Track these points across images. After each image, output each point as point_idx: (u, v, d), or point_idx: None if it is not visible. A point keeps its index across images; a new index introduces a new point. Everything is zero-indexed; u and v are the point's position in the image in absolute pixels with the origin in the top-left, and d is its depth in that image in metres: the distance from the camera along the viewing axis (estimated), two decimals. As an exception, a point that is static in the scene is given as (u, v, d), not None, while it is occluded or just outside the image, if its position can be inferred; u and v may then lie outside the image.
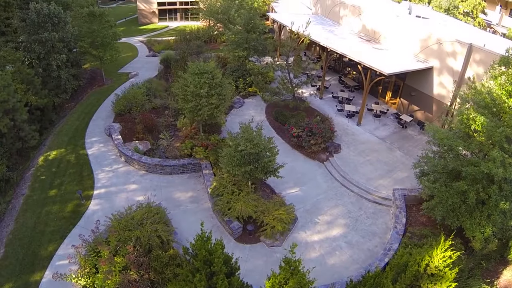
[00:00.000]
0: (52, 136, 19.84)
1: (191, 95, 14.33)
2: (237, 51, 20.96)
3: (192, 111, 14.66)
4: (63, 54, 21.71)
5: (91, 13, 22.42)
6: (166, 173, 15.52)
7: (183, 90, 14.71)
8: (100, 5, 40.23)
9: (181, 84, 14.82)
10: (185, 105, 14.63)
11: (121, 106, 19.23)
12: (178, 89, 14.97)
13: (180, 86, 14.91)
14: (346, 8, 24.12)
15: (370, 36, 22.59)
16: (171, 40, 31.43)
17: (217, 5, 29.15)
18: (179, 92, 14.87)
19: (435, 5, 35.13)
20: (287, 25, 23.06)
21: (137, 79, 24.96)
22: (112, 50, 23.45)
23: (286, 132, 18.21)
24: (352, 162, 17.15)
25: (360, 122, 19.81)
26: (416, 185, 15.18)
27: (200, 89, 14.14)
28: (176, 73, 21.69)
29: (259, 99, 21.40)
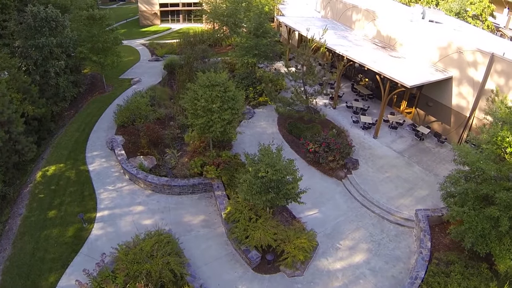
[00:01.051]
0: (51, 148, 18.63)
1: (201, 110, 13.22)
2: (246, 57, 19.85)
3: (203, 128, 13.54)
4: (62, 60, 20.46)
5: (91, 16, 21.16)
6: (174, 193, 14.42)
7: (192, 104, 13.57)
8: (100, 5, 38.85)
9: (190, 98, 13.67)
10: (195, 121, 13.50)
11: (123, 118, 18.03)
12: (187, 103, 13.82)
13: (189, 99, 13.77)
14: (359, 12, 23.06)
15: (386, 43, 21.57)
16: (174, 43, 30.20)
17: (222, 7, 27.95)
18: (188, 106, 13.73)
19: (445, 8, 34.21)
20: (299, 30, 22.01)
21: (139, 85, 23.76)
22: (113, 56, 22.21)
23: (301, 146, 17.17)
24: (371, 180, 16.23)
25: (376, 134, 18.85)
26: (438, 204, 14.59)
27: (212, 103, 13.03)
28: (183, 84, 20.58)
29: (270, 109, 20.31)
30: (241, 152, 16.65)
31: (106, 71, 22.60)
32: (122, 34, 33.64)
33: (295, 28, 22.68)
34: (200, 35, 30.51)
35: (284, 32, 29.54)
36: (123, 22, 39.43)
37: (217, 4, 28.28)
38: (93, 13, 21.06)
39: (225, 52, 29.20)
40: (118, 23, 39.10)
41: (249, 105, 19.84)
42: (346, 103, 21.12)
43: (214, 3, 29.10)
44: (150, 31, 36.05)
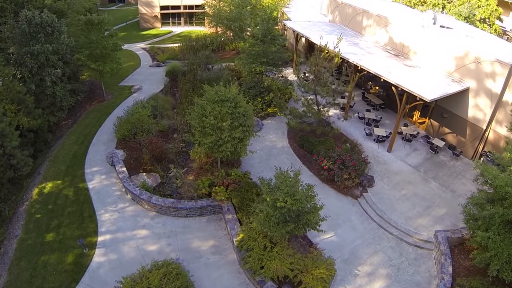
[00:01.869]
0: (48, 162, 17.60)
1: (210, 128, 12.27)
2: (254, 65, 18.90)
3: (212, 147, 12.60)
4: (58, 68, 19.35)
5: (89, 21, 20.00)
6: (181, 215, 13.50)
7: (200, 121, 12.61)
8: (99, 7, 37.55)
9: (198, 114, 12.71)
10: (203, 140, 12.54)
11: (124, 131, 16.98)
12: (194, 119, 12.86)
13: (196, 116, 12.80)
14: (371, 18, 22.16)
15: (398, 51, 20.71)
16: (175, 47, 29.10)
17: (225, 10, 26.90)
18: (195, 123, 12.76)
19: (454, 13, 33.43)
20: (309, 37, 21.02)
21: (140, 94, 22.70)
22: (113, 63, 21.09)
23: (313, 162, 16.30)
24: (388, 198, 15.44)
25: (391, 148, 18.03)
26: (456, 223, 14.05)
27: (222, 121, 12.09)
28: (187, 93, 19.58)
29: (279, 120, 19.38)
30: (250, 169, 15.79)
31: (105, 78, 21.50)
32: (121, 38, 32.72)
33: (305, 34, 21.65)
34: (202, 39, 29.46)
35: (290, 37, 28.60)
36: (123, 25, 38.11)
37: (220, 8, 27.20)
38: (91, 18, 19.92)
39: (229, 58, 28.19)
40: (117, 25, 38.01)
41: (257, 116, 18.91)
42: (358, 114, 20.26)
43: (217, 6, 28.03)
44: (151, 35, 34.86)
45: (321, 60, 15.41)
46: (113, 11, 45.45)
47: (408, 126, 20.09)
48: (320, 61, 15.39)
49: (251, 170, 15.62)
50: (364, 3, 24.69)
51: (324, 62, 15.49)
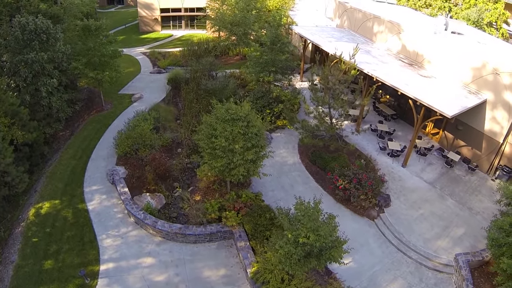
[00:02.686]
0: (45, 178, 16.58)
1: (220, 149, 11.36)
2: (262, 74, 17.96)
3: (222, 170, 11.69)
4: (54, 77, 18.25)
5: (86, 27, 18.79)
6: (189, 241, 12.60)
7: (209, 141, 11.69)
8: (98, 9, 36.25)
9: (206, 134, 11.78)
10: (213, 163, 11.61)
11: (125, 147, 15.94)
12: (203, 140, 11.92)
13: (205, 136, 11.87)
14: (382, 24, 21.30)
15: (412, 59, 19.89)
16: (177, 52, 27.97)
17: (229, 14, 25.83)
18: (204, 144, 11.82)
19: (462, 17, 32.70)
20: (320, 44, 19.98)
21: (141, 103, 21.65)
22: (112, 71, 19.94)
23: (327, 180, 15.47)
24: (405, 219, 14.70)
25: (406, 163, 17.26)
26: (475, 244, 13.61)
27: (234, 143, 11.18)
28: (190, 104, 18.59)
29: (288, 133, 18.47)
30: (261, 189, 14.88)
31: (104, 87, 20.42)
32: (120, 42, 31.54)
33: (316, 42, 20.53)
34: (204, 43, 28.38)
35: (295, 41, 27.65)
36: (122, 28, 36.81)
37: (223, 11, 26.13)
38: (88, 23, 18.69)
39: (233, 63, 27.18)
40: (116, 28, 36.71)
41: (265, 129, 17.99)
42: (370, 125, 19.43)
43: (220, 9, 26.95)
44: (151, 38, 33.62)
45: (337, 72, 14.52)
46: (112, 13, 44.06)
47: (422, 138, 19.32)
48: (336, 73, 14.50)
49: (262, 189, 14.76)
50: (374, 8, 23.84)
51: (340, 74, 14.60)
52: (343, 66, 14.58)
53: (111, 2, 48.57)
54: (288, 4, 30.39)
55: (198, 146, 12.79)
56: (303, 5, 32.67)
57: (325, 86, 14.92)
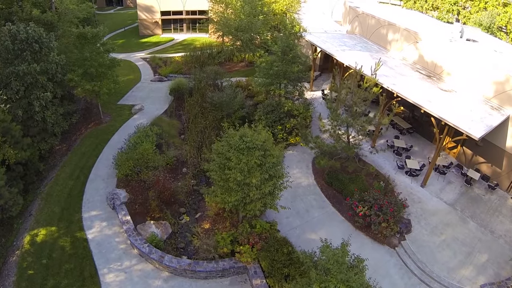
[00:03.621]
0: (40, 200, 15.39)
1: (235, 183, 10.22)
2: (273, 87, 16.78)
3: (237, 205, 10.56)
4: (48, 90, 16.92)
5: (82, 35, 17.39)
6: (199, 277, 11.50)
7: (222, 173, 10.53)
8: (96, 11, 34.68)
9: (219, 164, 10.62)
10: (226, 198, 10.46)
11: (126, 170, 14.72)
12: (215, 171, 10.73)
13: (217, 167, 10.69)
14: (398, 31, 20.15)
15: (430, 70, 18.79)
16: (178, 58, 26.60)
17: (234, 18, 24.50)
18: (216, 176, 10.65)
19: (474, 22, 31.64)
20: (333, 54, 18.64)
21: (141, 115, 20.37)
22: (110, 82, 18.51)
23: (345, 204, 14.43)
24: (427, 246, 13.76)
25: (425, 183, 16.27)
26: (499, 272, 12.91)
27: (250, 176, 10.04)
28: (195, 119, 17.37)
29: (301, 150, 17.32)
30: (275, 216, 13.78)
31: (102, 99, 19.09)
32: (119, 46, 30.16)
33: (328, 51, 19.18)
34: (207, 47, 27.03)
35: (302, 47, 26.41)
36: (121, 31, 35.36)
37: (228, 15, 24.79)
38: (84, 31, 17.27)
39: (238, 70, 25.92)
40: (115, 31, 35.24)
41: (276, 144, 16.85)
42: (387, 141, 18.36)
43: (224, 13, 25.60)
44: (151, 43, 32.19)
45: (361, 91, 13.39)
46: (111, 15, 42.52)
47: (440, 154, 18.30)
48: (361, 92, 13.38)
49: (276, 216, 13.65)
50: (388, 14, 22.60)
51: (362, 92, 13.49)
52: (366, 84, 13.46)
53: (110, 4, 47.01)
54: (294, 7, 29.10)
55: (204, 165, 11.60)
56: (309, 8, 31.40)
57: (345, 104, 13.80)
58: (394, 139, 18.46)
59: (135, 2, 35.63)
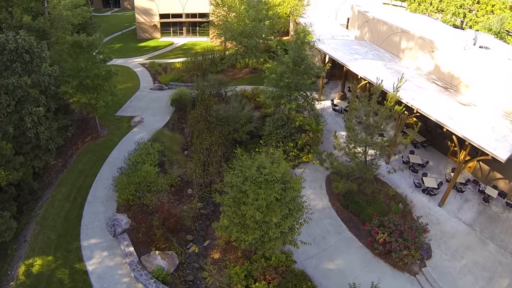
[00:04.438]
0: (35, 224, 14.27)
1: (252, 220, 9.24)
2: (283, 101, 15.75)
3: (254, 243, 9.59)
4: (41, 104, 15.64)
5: (76, 44, 16.03)
6: (210, 317, 10.61)
7: (236, 208, 9.52)
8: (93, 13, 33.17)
9: (233, 199, 9.61)
10: (242, 236, 9.47)
11: (127, 195, 13.62)
12: (229, 207, 9.65)
13: (231, 202, 9.66)
14: (412, 40, 19.22)
15: (446, 81, 17.93)
16: (179, 65, 25.33)
17: (235, 21, 23.30)
18: (230, 212, 9.62)
19: (483, 27, 30.87)
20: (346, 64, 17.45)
21: (141, 129, 19.14)
22: (108, 94, 17.18)
23: (362, 229, 13.57)
24: (448, 272, 13.03)
25: (443, 203, 15.50)
26: None
27: (269, 214, 9.07)
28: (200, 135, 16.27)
29: (313, 168, 16.34)
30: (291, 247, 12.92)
31: (99, 113, 17.75)
32: (117, 50, 28.78)
33: (340, 60, 18.04)
34: (209, 52, 25.80)
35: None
36: (118, 34, 33.87)
37: (231, 20, 23.56)
38: (79, 39, 15.91)
39: (241, 77, 24.78)
40: (112, 35, 33.77)
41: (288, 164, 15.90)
42: (402, 157, 17.52)
43: (227, 17, 24.36)
44: (150, 47, 30.79)
45: (385, 111, 12.46)
46: (108, 17, 40.96)
47: (457, 170, 17.53)
48: (385, 112, 12.45)
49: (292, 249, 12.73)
50: (400, 20, 21.57)
51: (385, 111, 12.57)
52: (389, 102, 12.52)
53: (107, 5, 45.36)
54: (298, 10, 28.00)
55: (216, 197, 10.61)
56: (313, 11, 30.30)
57: (365, 123, 12.87)
58: (410, 155, 17.60)
59: (132, 4, 34.11)
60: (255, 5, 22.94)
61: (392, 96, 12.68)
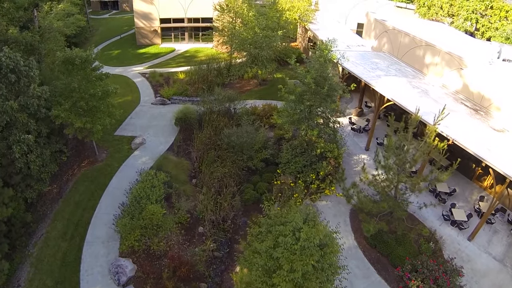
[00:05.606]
0: (29, 266, 12.80)
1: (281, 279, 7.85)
2: (304, 127, 14.19)
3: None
4: (30, 130, 13.84)
5: (68, 60, 14.17)
6: None
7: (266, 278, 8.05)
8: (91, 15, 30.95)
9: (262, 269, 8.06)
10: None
11: (132, 241, 12.05)
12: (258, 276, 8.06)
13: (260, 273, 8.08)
14: (437, 54, 17.76)
15: (475, 102, 16.56)
16: (182, 76, 23.46)
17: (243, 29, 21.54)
18: (259, 284, 8.12)
19: (500, 36, 29.53)
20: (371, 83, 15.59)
21: (143, 152, 17.37)
22: (105, 115, 15.40)
23: (391, 271, 12.30)
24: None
25: (473, 237, 14.31)
26: None
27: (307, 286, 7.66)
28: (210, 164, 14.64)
29: (335, 200, 14.89)
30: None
31: (96, 137, 15.80)
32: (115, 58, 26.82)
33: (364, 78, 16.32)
34: (214, 61, 23.98)
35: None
36: (117, 39, 31.80)
37: (239, 27, 21.76)
38: (71, 55, 13.97)
39: (250, 90, 23.11)
40: (110, 39, 31.76)
41: (306, 195, 14.49)
42: (429, 185, 16.19)
43: (234, 24, 22.51)
44: (150, 54, 28.77)
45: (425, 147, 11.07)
46: (106, 20, 38.87)
47: (485, 199, 16.32)
48: (424, 147, 11.06)
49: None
50: (423, 31, 19.87)
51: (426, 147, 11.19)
52: (433, 141, 11.12)
53: (105, 7, 43.12)
54: (308, 16, 26.31)
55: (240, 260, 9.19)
56: (322, 16, 28.60)
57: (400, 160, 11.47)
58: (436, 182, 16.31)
59: (131, 6, 32.00)
60: (265, 11, 21.14)
61: (432, 130, 11.28)
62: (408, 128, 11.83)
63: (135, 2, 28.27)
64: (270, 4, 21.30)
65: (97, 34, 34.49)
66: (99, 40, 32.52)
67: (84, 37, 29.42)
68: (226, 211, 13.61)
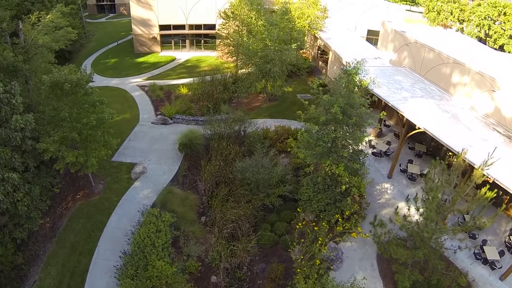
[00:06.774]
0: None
1: None
2: (329, 161, 12.60)
3: None
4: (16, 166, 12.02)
5: (57, 85, 12.20)
6: None
7: None
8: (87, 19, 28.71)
9: None
10: None
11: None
12: None
13: None
14: (467, 73, 16.28)
15: (508, 128, 15.23)
16: (184, 90, 21.52)
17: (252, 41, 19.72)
18: None
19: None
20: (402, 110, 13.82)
21: (145, 183, 15.63)
22: (100, 146, 13.69)
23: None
24: None
25: (505, 277, 13.09)
26: None
27: None
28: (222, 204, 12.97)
29: (362, 242, 13.35)
30: None
31: (90, 171, 13.97)
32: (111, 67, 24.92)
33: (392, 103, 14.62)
34: (218, 72, 22.14)
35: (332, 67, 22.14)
36: (114, 45, 29.66)
37: (248, 40, 19.91)
38: (60, 79, 11.98)
39: (259, 107, 21.29)
40: (107, 46, 29.68)
41: (329, 237, 13.01)
42: (458, 219, 14.90)
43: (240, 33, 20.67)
44: (149, 63, 26.63)
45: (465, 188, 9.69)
46: (103, 24, 36.67)
47: None
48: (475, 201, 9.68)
49: None
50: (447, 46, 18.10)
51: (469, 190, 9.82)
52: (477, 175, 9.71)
53: (101, 11, 40.77)
54: (319, 24, 24.59)
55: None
56: (332, 24, 26.87)
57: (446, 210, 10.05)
58: (465, 215, 15.02)
59: (129, 10, 29.69)
60: (276, 21, 19.27)
61: (479, 176, 9.89)
62: (451, 172, 10.44)
63: (133, 7, 26.15)
64: (282, 13, 19.46)
65: (93, 39, 32.26)
66: (95, 47, 30.49)
67: (80, 43, 27.34)
68: (242, 257, 12.12)
